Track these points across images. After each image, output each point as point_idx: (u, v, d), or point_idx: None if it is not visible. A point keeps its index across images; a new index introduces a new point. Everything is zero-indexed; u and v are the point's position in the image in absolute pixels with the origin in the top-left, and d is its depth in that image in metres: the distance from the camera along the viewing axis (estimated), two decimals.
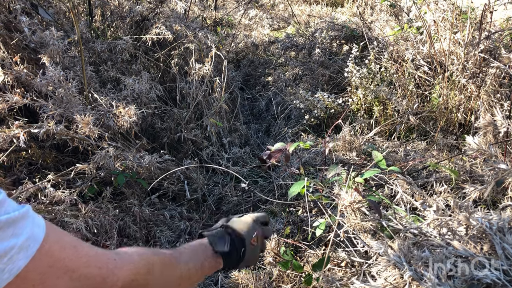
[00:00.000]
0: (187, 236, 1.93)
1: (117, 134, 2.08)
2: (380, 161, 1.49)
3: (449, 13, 2.38)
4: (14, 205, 0.48)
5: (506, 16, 2.71)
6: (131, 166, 1.89)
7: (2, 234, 0.45)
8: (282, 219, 1.89)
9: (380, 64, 2.71)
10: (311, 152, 2.26)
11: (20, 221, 0.47)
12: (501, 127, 1.29)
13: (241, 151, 2.47)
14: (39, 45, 2.05)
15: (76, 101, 1.90)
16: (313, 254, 1.61)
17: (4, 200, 0.47)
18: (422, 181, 1.82)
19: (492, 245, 1.01)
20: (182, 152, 2.46)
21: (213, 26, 3.80)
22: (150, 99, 2.37)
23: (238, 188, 2.18)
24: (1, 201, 0.46)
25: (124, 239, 1.82)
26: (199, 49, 2.71)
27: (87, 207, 1.74)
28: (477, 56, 2.20)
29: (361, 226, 1.32)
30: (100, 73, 2.37)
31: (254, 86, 3.50)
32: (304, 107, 2.73)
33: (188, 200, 2.11)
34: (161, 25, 2.58)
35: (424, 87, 2.55)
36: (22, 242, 0.46)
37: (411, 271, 0.98)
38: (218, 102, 2.59)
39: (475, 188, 1.25)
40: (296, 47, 3.65)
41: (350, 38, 3.40)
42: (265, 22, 4.69)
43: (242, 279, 1.55)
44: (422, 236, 1.14)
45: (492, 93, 2.19)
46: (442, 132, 2.36)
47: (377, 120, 2.55)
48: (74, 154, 2.02)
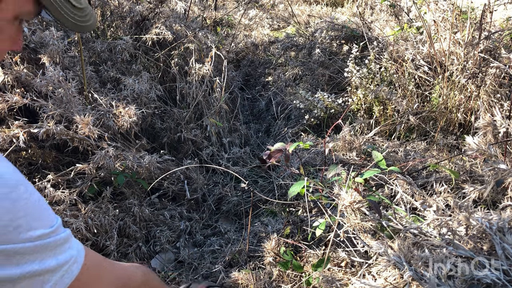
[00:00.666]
0: (187, 236, 1.93)
1: (117, 134, 2.08)
2: (380, 161, 1.49)
3: (449, 13, 2.38)
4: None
5: (506, 16, 2.71)
6: (131, 166, 1.89)
7: (60, 248, 0.58)
8: (282, 219, 1.89)
9: (380, 64, 2.71)
10: (311, 152, 2.26)
11: (70, 238, 0.60)
12: (501, 127, 1.29)
13: (241, 151, 2.47)
14: (39, 45, 2.05)
15: (76, 101, 1.90)
16: (313, 254, 1.61)
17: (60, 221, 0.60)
18: (422, 181, 1.82)
19: (492, 245, 1.01)
20: (182, 152, 2.46)
21: (213, 26, 3.80)
22: (150, 99, 2.37)
23: (238, 188, 2.18)
24: (60, 222, 0.60)
25: (124, 239, 1.82)
26: (199, 49, 2.71)
27: (87, 207, 1.74)
28: (477, 56, 2.20)
29: (361, 226, 1.32)
30: (100, 73, 2.37)
31: (254, 86, 3.50)
32: (304, 107, 2.73)
33: (188, 200, 2.11)
34: (161, 25, 2.58)
35: (424, 87, 2.55)
36: (76, 254, 0.60)
37: (411, 271, 0.98)
38: (218, 102, 2.59)
39: (475, 188, 1.25)
40: (296, 47, 3.65)
41: (350, 38, 3.40)
42: (265, 22, 4.69)
43: (242, 279, 1.55)
44: (422, 236, 1.14)
45: (492, 93, 2.19)
46: (442, 132, 2.36)
47: (377, 120, 2.55)
48: (74, 154, 2.02)
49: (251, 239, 1.80)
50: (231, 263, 1.73)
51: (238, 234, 1.92)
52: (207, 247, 1.86)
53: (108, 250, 1.71)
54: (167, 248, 1.83)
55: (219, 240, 1.89)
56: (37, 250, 0.54)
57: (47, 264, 0.54)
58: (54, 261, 0.56)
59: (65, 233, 0.59)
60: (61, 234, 0.58)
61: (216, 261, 1.76)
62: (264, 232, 1.83)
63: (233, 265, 1.72)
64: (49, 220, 0.58)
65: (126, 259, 1.74)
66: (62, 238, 0.58)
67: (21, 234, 0.52)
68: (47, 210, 0.60)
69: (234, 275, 1.58)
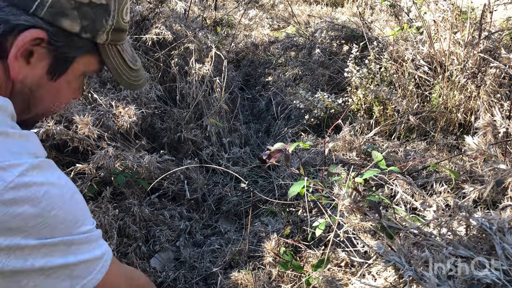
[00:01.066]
0: (186, 236, 1.93)
1: (116, 134, 2.08)
2: (380, 161, 1.49)
3: (449, 13, 2.38)
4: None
5: (506, 16, 2.71)
6: (131, 166, 1.89)
7: (99, 241, 0.68)
8: (282, 219, 1.89)
9: (380, 64, 2.71)
10: (311, 152, 2.26)
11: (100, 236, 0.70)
12: (501, 127, 1.29)
13: (241, 151, 2.47)
14: None
15: (75, 101, 1.90)
16: (313, 254, 1.61)
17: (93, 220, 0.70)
18: (422, 181, 1.82)
19: (492, 245, 1.01)
20: (182, 152, 2.46)
21: (213, 26, 3.80)
22: (150, 99, 2.37)
23: (238, 188, 2.18)
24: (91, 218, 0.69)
25: (124, 238, 1.82)
26: (199, 49, 2.71)
27: None
28: (477, 56, 2.20)
29: (361, 226, 1.32)
30: (100, 73, 2.37)
31: (254, 86, 3.50)
32: (304, 107, 2.73)
33: (188, 200, 2.11)
34: (161, 25, 2.58)
35: (424, 87, 2.55)
36: (107, 248, 0.70)
37: (411, 271, 0.98)
38: (218, 102, 2.59)
39: (475, 188, 1.25)
40: (296, 47, 3.65)
41: (350, 38, 3.40)
42: (265, 22, 4.69)
43: (242, 280, 1.55)
44: (422, 236, 1.14)
45: (492, 93, 2.19)
46: (442, 132, 2.36)
47: (377, 120, 2.55)
48: (74, 154, 2.02)
49: (251, 239, 1.80)
50: (231, 263, 1.73)
51: (238, 234, 1.92)
52: (207, 247, 1.86)
53: None
54: (167, 247, 1.83)
55: (219, 240, 1.89)
56: (87, 241, 0.64)
57: (95, 254, 0.66)
58: (99, 251, 0.67)
59: (99, 230, 0.70)
60: (97, 230, 0.69)
61: (216, 260, 1.76)
62: (264, 232, 1.82)
63: (233, 265, 1.72)
64: (90, 217, 0.69)
65: (126, 258, 1.74)
66: (99, 233, 0.69)
67: (79, 227, 0.63)
68: (87, 208, 0.72)
69: (233, 276, 1.58)
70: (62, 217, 0.60)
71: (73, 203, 0.63)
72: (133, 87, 0.83)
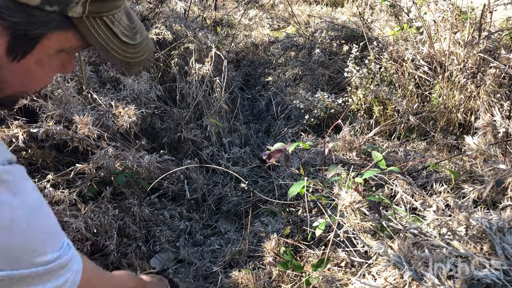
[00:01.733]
0: (186, 236, 1.93)
1: (116, 134, 2.08)
2: (380, 161, 1.49)
3: (449, 13, 2.38)
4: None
5: (506, 16, 2.71)
6: (131, 166, 1.89)
7: (60, 272, 0.60)
8: (282, 219, 1.89)
9: (380, 64, 2.71)
10: (311, 152, 2.25)
11: (69, 262, 0.63)
12: (501, 127, 1.29)
13: (241, 151, 2.47)
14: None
15: (75, 101, 1.90)
16: (313, 254, 1.61)
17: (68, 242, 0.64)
18: (422, 181, 1.82)
19: (492, 245, 1.01)
20: (182, 152, 2.46)
21: (213, 26, 3.80)
22: (150, 99, 2.37)
23: (238, 188, 2.18)
24: (65, 242, 0.63)
25: (124, 239, 1.82)
26: (199, 49, 2.71)
27: (86, 207, 1.74)
28: (477, 56, 2.20)
29: (361, 226, 1.32)
30: (100, 73, 2.37)
31: (254, 86, 3.50)
32: (304, 107, 2.73)
33: (188, 200, 2.11)
34: (161, 25, 2.58)
35: (424, 87, 2.55)
36: (72, 277, 0.63)
37: (411, 271, 0.98)
38: (218, 102, 2.59)
39: (475, 188, 1.25)
40: (296, 47, 3.64)
41: (350, 38, 3.40)
42: (265, 22, 4.69)
43: (242, 279, 1.55)
44: (422, 236, 1.14)
45: (491, 93, 2.19)
46: (442, 132, 2.36)
47: (377, 120, 2.55)
48: (74, 154, 2.02)
49: (251, 239, 1.80)
50: (231, 263, 1.73)
51: (238, 234, 1.92)
52: (207, 247, 1.86)
53: (108, 250, 1.71)
54: (167, 247, 1.83)
55: (219, 240, 1.89)
56: (44, 274, 0.58)
57: (56, 284, 0.60)
58: (54, 284, 0.60)
59: (66, 257, 0.62)
60: (63, 257, 0.62)
61: (216, 260, 1.76)
62: (264, 232, 1.82)
63: (233, 265, 1.72)
64: (59, 242, 0.62)
65: (126, 259, 1.74)
66: (64, 262, 0.62)
67: (36, 258, 0.56)
68: (58, 231, 0.63)
69: (234, 275, 1.58)
70: (17, 247, 0.54)
71: (35, 228, 0.56)
72: (130, 66, 0.69)
